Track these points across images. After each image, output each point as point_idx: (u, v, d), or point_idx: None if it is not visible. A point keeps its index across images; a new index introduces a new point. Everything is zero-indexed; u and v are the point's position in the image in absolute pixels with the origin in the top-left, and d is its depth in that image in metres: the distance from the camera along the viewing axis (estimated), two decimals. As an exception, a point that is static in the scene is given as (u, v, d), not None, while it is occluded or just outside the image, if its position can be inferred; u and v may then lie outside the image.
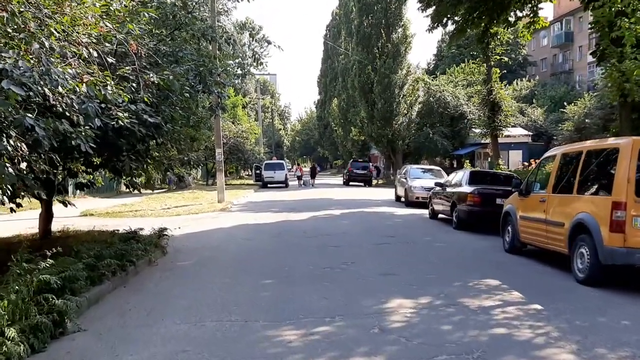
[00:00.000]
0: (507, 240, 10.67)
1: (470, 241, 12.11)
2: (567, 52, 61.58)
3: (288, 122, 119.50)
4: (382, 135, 41.61)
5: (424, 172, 23.77)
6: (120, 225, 15.82)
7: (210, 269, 9.12)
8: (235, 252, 10.74)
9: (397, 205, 22.37)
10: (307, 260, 9.62)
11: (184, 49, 8.28)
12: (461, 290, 7.31)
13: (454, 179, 15.78)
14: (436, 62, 69.90)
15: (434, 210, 16.73)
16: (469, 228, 13.77)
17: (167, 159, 10.41)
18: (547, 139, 41.94)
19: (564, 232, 8.31)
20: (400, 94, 40.80)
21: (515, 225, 10.23)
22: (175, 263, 9.81)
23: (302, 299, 6.88)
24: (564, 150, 9.17)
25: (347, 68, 48.13)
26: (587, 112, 37.36)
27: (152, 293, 7.51)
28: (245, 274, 8.62)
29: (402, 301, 6.67)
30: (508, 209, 10.76)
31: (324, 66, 78.43)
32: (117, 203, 23.82)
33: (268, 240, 12.28)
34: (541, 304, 6.53)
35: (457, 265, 9.22)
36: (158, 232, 10.92)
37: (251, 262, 9.72)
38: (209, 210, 20.38)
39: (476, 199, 13.23)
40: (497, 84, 29.01)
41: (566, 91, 51.81)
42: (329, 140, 74.05)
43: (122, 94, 6.25)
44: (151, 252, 9.80)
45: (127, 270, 8.36)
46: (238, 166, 50.42)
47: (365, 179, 41.46)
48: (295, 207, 20.94)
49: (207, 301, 6.90)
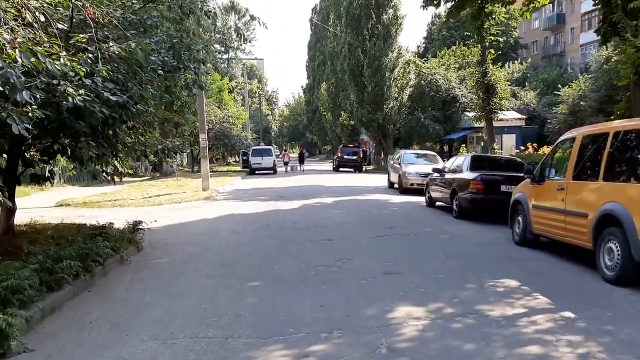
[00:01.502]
0: (518, 232, 9.72)
1: (476, 232, 11.15)
2: (559, 35, 60.75)
3: (276, 108, 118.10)
4: (372, 120, 40.62)
5: (419, 158, 22.79)
6: (97, 217, 14.80)
7: (190, 268, 8.09)
8: (219, 248, 9.71)
9: (391, 192, 21.41)
10: (299, 257, 8.62)
11: (153, 17, 7.17)
12: (477, 294, 6.34)
13: (453, 165, 14.82)
14: (426, 45, 68.87)
15: (432, 198, 15.77)
16: (471, 217, 12.82)
17: (141, 146, 9.30)
18: (540, 123, 41.16)
19: (587, 224, 7.37)
20: (391, 77, 39.74)
21: (528, 215, 9.27)
22: (151, 261, 8.78)
23: (294, 308, 5.88)
24: (586, 132, 8.17)
25: (336, 52, 46.90)
26: (582, 95, 36.65)
27: (120, 300, 6.48)
28: (230, 274, 7.60)
29: (410, 309, 5.68)
30: (518, 197, 9.79)
31: (312, 51, 77.04)
32: (97, 192, 22.65)
33: (255, 234, 11.26)
34: (573, 311, 5.58)
35: (466, 261, 8.25)
36: (132, 226, 9.86)
37: (236, 259, 8.70)
38: (193, 199, 19.29)
39: (479, 187, 12.27)
40: (492, 66, 28.09)
41: (559, 74, 51.03)
42: (318, 125, 72.97)
43: (75, 67, 5.17)
44: (123, 250, 8.76)
45: (92, 272, 7.32)
46: (225, 153, 49.18)
47: (356, 165, 40.47)
48: (284, 195, 19.92)
49: (183, 311, 5.89)
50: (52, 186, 25.96)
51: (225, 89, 47.95)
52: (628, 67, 11.75)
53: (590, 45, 52.97)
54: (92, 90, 5.85)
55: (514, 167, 13.31)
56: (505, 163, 14.16)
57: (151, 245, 9.94)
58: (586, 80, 37.82)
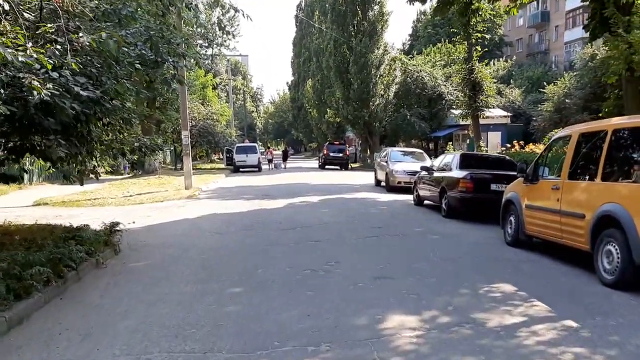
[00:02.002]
0: (510, 232, 9.43)
1: (466, 232, 10.85)
2: (543, 32, 60.90)
3: (261, 105, 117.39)
4: (358, 117, 40.34)
5: (405, 155, 22.50)
6: (75, 217, 14.32)
7: (169, 272, 7.68)
8: (200, 250, 9.29)
9: (378, 190, 21.11)
10: (284, 260, 8.25)
11: (128, 6, 6.74)
12: (472, 300, 6.02)
13: (442, 163, 14.53)
14: (412, 42, 68.72)
15: (420, 196, 15.46)
16: (460, 216, 12.54)
17: (119, 143, 8.86)
18: (525, 120, 41.14)
19: (584, 225, 7.08)
20: (377, 74, 39.48)
21: (520, 215, 8.98)
22: (129, 265, 8.35)
23: (279, 316, 5.51)
24: (582, 130, 7.88)
25: (322, 48, 46.52)
26: (567, 93, 36.67)
27: (93, 307, 6.06)
28: (210, 279, 7.21)
29: (403, 318, 5.34)
30: (510, 196, 9.50)
31: (297, 47, 76.49)
32: (77, 190, 22.01)
33: (239, 234, 10.86)
34: (575, 319, 5.27)
35: (459, 263, 7.94)
36: (109, 227, 9.41)
37: (218, 262, 8.30)
38: (175, 197, 18.82)
39: (469, 185, 11.98)
40: (478, 63, 27.89)
41: (543, 72, 51.09)
42: (303, 122, 72.55)
43: (42, 59, 4.75)
44: (99, 253, 8.33)
45: (65, 277, 6.88)
46: (208, 150, 48.56)
47: (342, 162, 40.18)
48: (269, 194, 19.52)
49: (159, 320, 5.49)
50: (30, 184, 25.36)
51: (209, 85, 47.35)
52: (620, 62, 11.53)
53: (574, 43, 53.14)
54: (61, 85, 5.42)
55: (503, 165, 13.06)
56: (494, 161, 13.90)
57: (129, 247, 9.51)
58: (571, 77, 37.84)
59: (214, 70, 63.68)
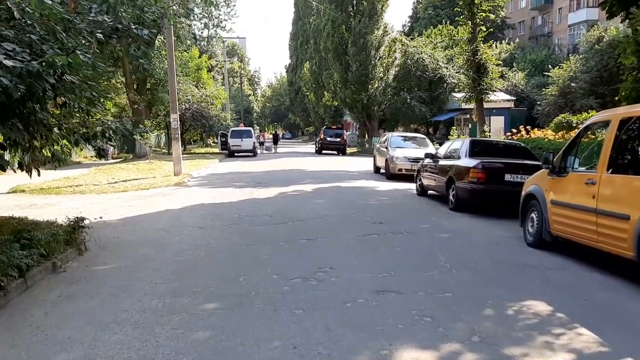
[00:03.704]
0: (531, 231, 8.26)
1: (479, 229, 9.66)
2: (547, 15, 59.53)
3: (258, 88, 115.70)
4: (356, 100, 39.07)
5: (407, 141, 21.30)
6: (51, 206, 13.20)
7: (136, 280, 6.50)
8: (177, 250, 8.11)
9: (377, 177, 19.91)
10: (272, 264, 7.08)
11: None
12: (500, 325, 4.83)
13: (449, 150, 13.31)
14: (411, 24, 67.18)
15: (423, 186, 14.28)
16: (470, 209, 11.38)
17: (84, 127, 7.64)
18: (529, 104, 39.93)
19: (628, 228, 5.91)
20: (376, 56, 38.13)
21: (544, 212, 7.80)
22: (92, 268, 7.17)
23: (258, 348, 4.34)
24: (625, 114, 6.62)
25: (319, 29, 45.03)
26: (573, 76, 35.50)
27: (30, 331, 4.88)
28: (182, 290, 6.03)
29: (416, 356, 4.17)
30: (532, 190, 8.30)
31: (295, 28, 74.79)
32: (60, 176, 20.84)
33: (223, 230, 9.66)
34: (636, 355, 4.13)
35: (476, 271, 6.76)
36: (73, 224, 8.21)
37: (195, 267, 7.12)
38: (162, 185, 17.60)
39: (481, 175, 10.79)
40: (482, 44, 26.61)
41: (547, 55, 49.74)
42: (300, 106, 71.27)
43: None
44: (57, 254, 7.17)
45: (6, 288, 5.71)
46: (202, 133, 47.20)
47: (339, 147, 38.88)
48: (262, 181, 18.31)
49: (106, 353, 4.33)
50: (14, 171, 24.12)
51: (204, 67, 45.86)
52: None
53: (579, 25, 51.82)
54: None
55: (517, 153, 11.89)
56: (507, 148, 12.67)
57: (98, 245, 8.34)
58: (577, 60, 36.63)
59: (210, 52, 62.16)
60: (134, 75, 31.29)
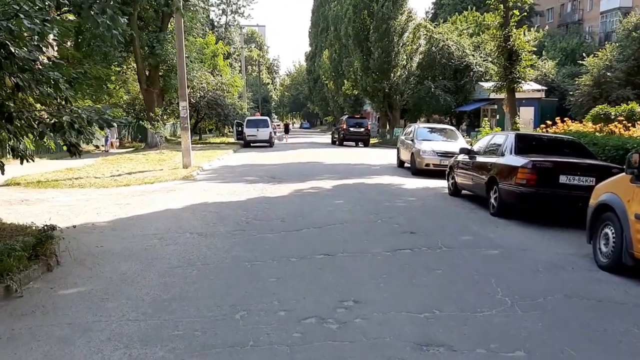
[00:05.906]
0: (604, 250, 6.61)
1: (532, 244, 7.96)
2: (577, 2, 57.02)
3: (277, 77, 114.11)
4: (378, 89, 37.33)
5: (434, 133, 19.53)
6: (43, 201, 11.97)
7: (104, 313, 5.02)
8: (165, 267, 6.60)
9: (402, 173, 18.27)
10: (279, 293, 5.54)
11: None
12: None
13: (488, 144, 11.62)
14: (435, 10, 64.97)
15: (457, 184, 12.61)
16: (516, 216, 9.74)
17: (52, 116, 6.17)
18: (560, 95, 37.87)
19: None
20: (399, 43, 36.33)
21: (626, 229, 6.14)
22: (56, 292, 5.72)
23: None
24: None
25: (340, 15, 43.28)
26: (608, 65, 33.41)
27: None
28: (158, 333, 4.52)
29: None
30: (607, 199, 6.63)
31: (315, 15, 73.06)
32: (62, 167, 19.64)
33: (226, 238, 8.12)
34: None
35: (547, 311, 5.08)
36: (41, 234, 6.75)
37: (182, 294, 5.60)
38: (168, 178, 16.17)
39: (530, 176, 9.11)
40: (515, 30, 24.78)
41: (579, 43, 47.40)
42: (319, 95, 69.71)
43: None
44: (16, 273, 5.72)
45: None
46: (218, 122, 45.79)
47: (363, 138, 36.69)
48: (276, 175, 16.80)
49: None
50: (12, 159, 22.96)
51: (220, 54, 44.31)
52: None
53: (611, 12, 49.41)
54: None
55: (572, 150, 10.21)
56: (559, 144, 10.87)
57: (74, 258, 6.92)
58: (613, 49, 34.48)
59: (227, 39, 60.69)
60: (146, 61, 29.92)
